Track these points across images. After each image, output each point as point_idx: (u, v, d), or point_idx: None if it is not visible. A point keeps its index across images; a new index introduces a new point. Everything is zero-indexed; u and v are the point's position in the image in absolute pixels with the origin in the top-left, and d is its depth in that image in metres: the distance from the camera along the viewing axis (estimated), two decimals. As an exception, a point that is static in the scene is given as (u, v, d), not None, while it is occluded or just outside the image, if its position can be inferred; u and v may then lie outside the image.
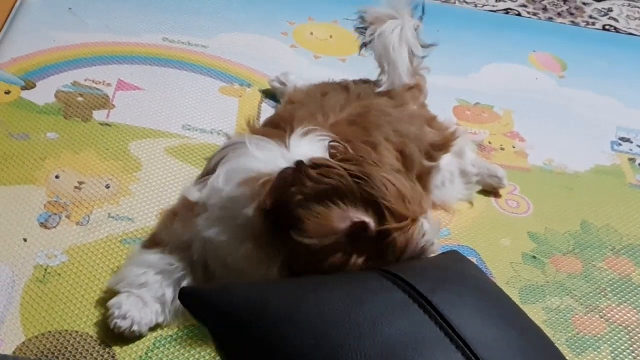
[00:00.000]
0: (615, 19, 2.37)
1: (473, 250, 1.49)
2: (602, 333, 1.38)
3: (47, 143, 1.55)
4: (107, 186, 1.48)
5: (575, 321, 1.39)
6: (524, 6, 2.36)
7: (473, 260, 1.45)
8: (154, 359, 1.20)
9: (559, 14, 2.36)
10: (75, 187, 1.46)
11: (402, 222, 1.10)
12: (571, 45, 2.19)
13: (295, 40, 2.02)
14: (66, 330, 1.22)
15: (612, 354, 1.34)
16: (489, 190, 1.63)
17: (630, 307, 1.44)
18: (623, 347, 1.36)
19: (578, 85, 2.03)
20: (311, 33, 2.06)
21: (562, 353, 0.97)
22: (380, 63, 1.55)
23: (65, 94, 1.68)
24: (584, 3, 2.43)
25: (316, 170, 1.09)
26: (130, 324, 1.20)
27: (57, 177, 1.48)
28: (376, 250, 1.10)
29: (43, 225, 1.38)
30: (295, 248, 1.09)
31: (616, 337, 1.37)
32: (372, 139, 1.37)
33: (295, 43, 2.00)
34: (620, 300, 1.45)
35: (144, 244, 1.29)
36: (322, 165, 1.11)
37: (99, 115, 1.65)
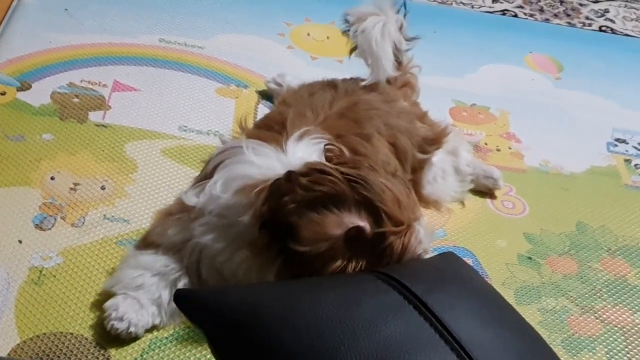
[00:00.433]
0: (611, 20, 2.38)
1: (469, 251, 1.49)
2: (598, 334, 1.38)
3: (43, 144, 1.55)
4: (103, 187, 1.48)
5: (570, 322, 1.39)
6: (521, 7, 2.36)
7: (469, 261, 1.45)
8: (150, 361, 1.20)
9: (556, 15, 2.36)
10: (70, 189, 1.46)
11: (399, 227, 1.10)
12: (567, 46, 2.19)
13: (292, 41, 2.01)
14: (61, 332, 1.21)
15: (608, 355, 1.34)
16: (485, 191, 1.63)
17: (625, 308, 1.44)
18: (618, 348, 1.36)
19: (574, 86, 2.03)
20: (308, 34, 2.05)
21: (558, 354, 0.97)
22: (364, 58, 1.54)
23: (61, 95, 1.68)
24: (581, 4, 2.43)
25: (307, 178, 1.09)
26: (127, 326, 1.20)
27: (53, 179, 1.48)
28: (374, 255, 1.09)
29: (38, 226, 1.38)
30: (292, 257, 1.09)
31: (612, 338, 1.38)
32: (365, 131, 1.37)
33: (292, 44, 2.00)
34: (615, 301, 1.45)
35: (137, 245, 1.29)
36: (315, 171, 1.11)
37: (95, 116, 1.65)
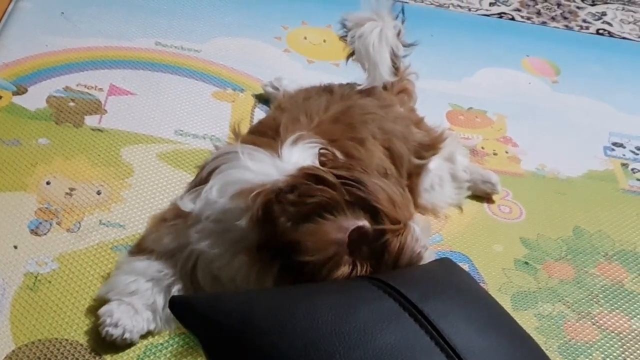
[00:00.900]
0: (609, 23, 2.37)
1: (465, 256, 1.49)
2: (594, 340, 1.38)
3: (39, 149, 1.54)
4: (99, 192, 1.47)
5: (567, 328, 1.39)
6: (518, 10, 2.36)
7: (465, 266, 1.45)
8: (145, 367, 1.20)
9: (553, 18, 2.35)
10: (66, 194, 1.46)
11: (396, 225, 1.11)
12: (565, 49, 2.19)
13: (288, 44, 2.01)
14: (56, 338, 1.21)
15: (604, 361, 1.34)
16: (483, 196, 1.63)
17: (622, 314, 1.43)
18: (615, 354, 1.36)
19: (571, 90, 2.03)
20: (305, 37, 2.05)
21: (553, 362, 0.97)
22: (361, 63, 1.54)
23: (57, 99, 1.68)
24: (578, 7, 2.43)
25: (296, 192, 1.10)
26: (122, 332, 1.19)
27: (48, 184, 1.47)
28: (375, 256, 1.10)
29: (34, 232, 1.37)
30: (293, 265, 1.09)
31: (608, 344, 1.37)
32: (359, 135, 1.37)
33: (288, 48, 2.00)
34: (612, 306, 1.44)
35: (131, 251, 1.29)
36: (308, 177, 1.11)
37: (91, 120, 1.64)
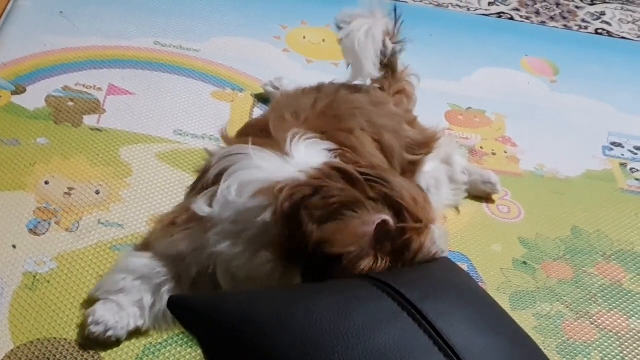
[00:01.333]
0: (608, 23, 2.37)
1: (464, 256, 1.49)
2: (593, 339, 1.38)
3: (37, 148, 1.54)
4: (98, 192, 1.47)
5: (565, 327, 1.39)
6: (517, 10, 2.36)
7: (464, 266, 1.45)
8: (144, 367, 1.20)
9: (552, 18, 2.36)
10: (65, 193, 1.46)
11: (418, 224, 1.12)
12: (564, 49, 2.19)
13: (288, 44, 2.01)
14: (55, 338, 1.21)
15: (603, 361, 1.34)
16: (483, 196, 1.63)
17: (620, 314, 1.44)
18: (614, 354, 1.36)
19: (570, 90, 2.03)
20: (304, 37, 2.05)
21: (552, 361, 0.98)
22: (346, 58, 1.54)
23: (55, 99, 1.68)
24: (577, 7, 2.43)
25: (319, 195, 1.11)
26: (104, 329, 1.19)
27: (47, 183, 1.47)
28: (395, 252, 1.11)
29: (32, 231, 1.37)
30: (323, 262, 1.09)
31: (607, 344, 1.37)
32: (347, 126, 1.36)
33: (288, 47, 2.00)
34: (610, 306, 1.45)
35: (136, 248, 1.28)
36: (333, 171, 1.14)
37: (90, 120, 1.64)
